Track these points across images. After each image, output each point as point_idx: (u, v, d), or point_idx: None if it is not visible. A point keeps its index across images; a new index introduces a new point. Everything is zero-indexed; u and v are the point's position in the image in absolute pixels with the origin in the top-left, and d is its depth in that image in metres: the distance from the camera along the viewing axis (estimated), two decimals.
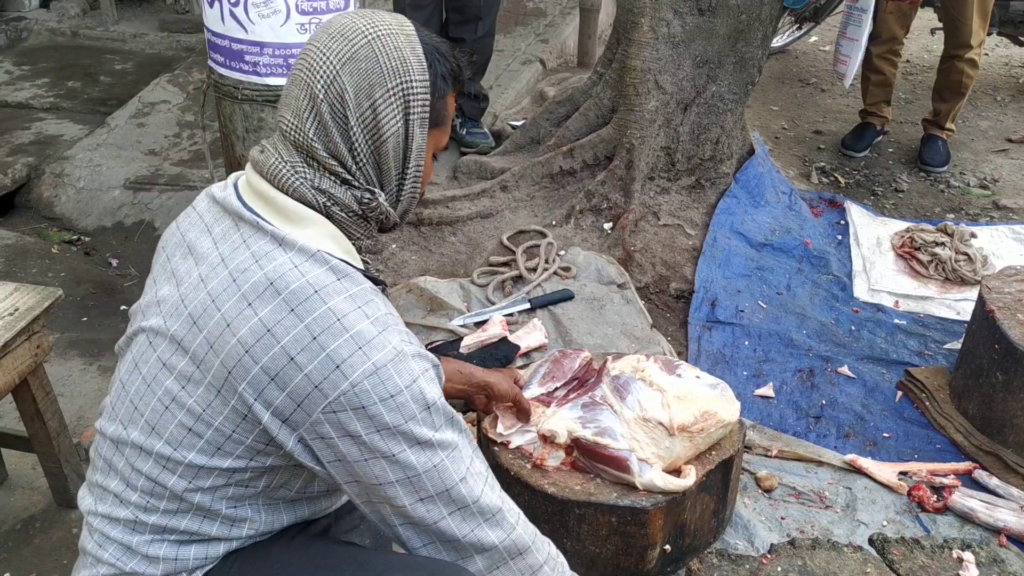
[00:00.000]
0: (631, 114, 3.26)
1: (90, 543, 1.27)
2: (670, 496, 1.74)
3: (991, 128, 4.47)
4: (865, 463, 2.23)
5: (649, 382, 1.84)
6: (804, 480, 2.21)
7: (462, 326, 2.59)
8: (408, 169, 1.25)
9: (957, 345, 2.66)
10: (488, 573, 1.24)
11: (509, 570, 1.25)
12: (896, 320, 2.92)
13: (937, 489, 2.16)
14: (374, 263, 3.02)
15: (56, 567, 2.07)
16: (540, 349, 2.47)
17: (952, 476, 2.21)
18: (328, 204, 1.20)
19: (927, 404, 2.49)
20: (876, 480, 2.20)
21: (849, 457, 2.26)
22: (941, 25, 4.02)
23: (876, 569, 1.94)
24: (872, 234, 3.36)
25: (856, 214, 3.50)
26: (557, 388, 1.93)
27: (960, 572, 1.94)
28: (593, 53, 4.82)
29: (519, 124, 3.84)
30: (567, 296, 2.72)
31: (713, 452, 1.85)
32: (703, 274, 2.99)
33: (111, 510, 1.25)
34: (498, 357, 2.40)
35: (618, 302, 2.72)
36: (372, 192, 1.22)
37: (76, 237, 3.54)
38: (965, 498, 2.12)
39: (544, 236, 3.09)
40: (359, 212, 1.23)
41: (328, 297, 1.13)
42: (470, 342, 2.45)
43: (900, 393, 2.57)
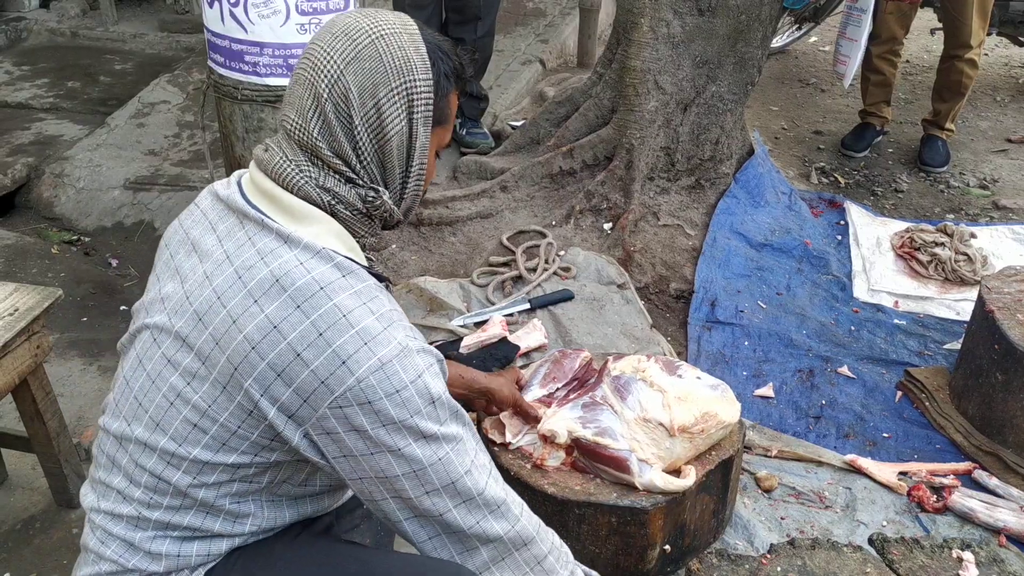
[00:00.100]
0: (631, 114, 3.26)
1: (92, 540, 1.27)
2: (670, 496, 1.74)
3: (991, 128, 4.47)
4: (865, 463, 2.24)
5: (650, 383, 1.84)
6: (804, 480, 2.21)
7: (462, 326, 2.59)
8: (412, 167, 1.26)
9: (957, 345, 2.66)
10: (493, 565, 1.25)
11: (514, 561, 1.26)
12: (896, 320, 2.92)
13: (937, 489, 2.16)
14: (375, 262, 3.02)
15: (56, 567, 2.07)
16: (540, 349, 2.47)
17: (952, 476, 2.21)
18: (333, 202, 1.21)
19: (927, 404, 2.49)
20: (876, 480, 2.20)
21: (849, 457, 2.26)
22: (941, 25, 4.02)
23: (876, 569, 1.94)
24: (872, 234, 3.36)
25: (856, 214, 3.51)
26: (558, 388, 1.93)
27: (960, 572, 1.94)
28: (593, 53, 4.82)
29: (519, 124, 3.84)
30: (567, 296, 2.72)
31: (713, 452, 1.85)
32: (703, 274, 2.99)
33: (114, 506, 1.25)
34: (498, 357, 2.40)
35: (618, 302, 2.72)
36: (376, 190, 1.23)
37: (76, 237, 3.54)
38: (965, 498, 2.12)
39: (544, 236, 3.09)
40: (364, 210, 1.23)
41: (334, 293, 1.14)
42: (470, 342, 2.45)
43: (900, 393, 2.57)
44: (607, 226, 3.21)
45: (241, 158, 2.83)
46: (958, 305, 2.97)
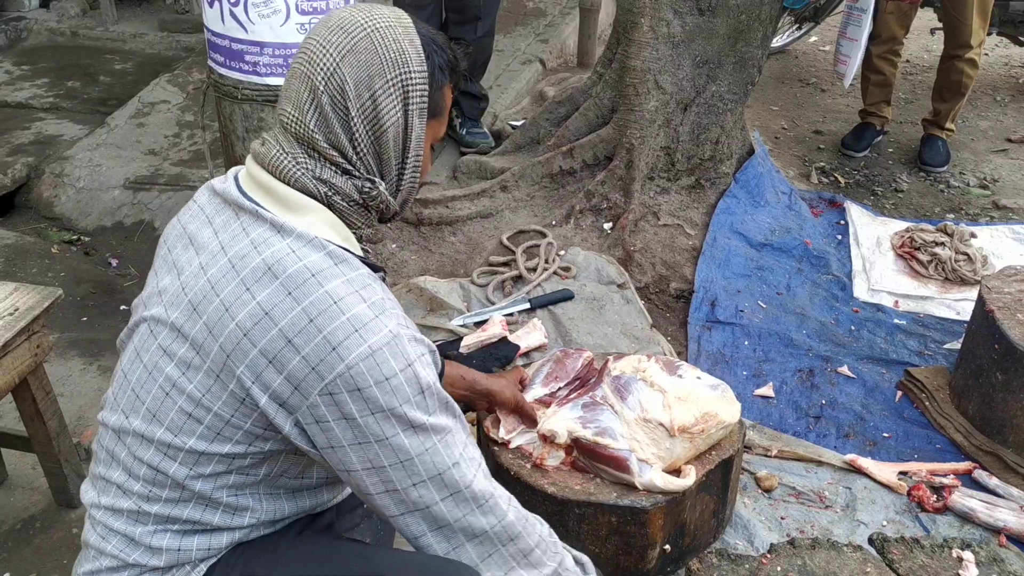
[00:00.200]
0: (631, 114, 3.26)
1: (93, 536, 1.28)
2: (670, 496, 1.74)
3: (991, 128, 4.47)
4: (865, 463, 2.23)
5: (650, 383, 1.84)
6: (804, 480, 2.21)
7: (462, 326, 2.59)
8: (408, 159, 1.27)
9: (957, 345, 2.66)
10: (481, 562, 1.25)
11: (501, 557, 1.26)
12: (896, 320, 2.92)
13: (937, 489, 2.16)
14: (371, 254, 3.02)
15: (56, 567, 2.07)
16: (540, 349, 2.47)
17: (952, 476, 2.21)
18: (329, 193, 1.22)
19: (927, 404, 2.49)
20: (876, 480, 2.20)
21: (849, 457, 2.26)
22: (941, 25, 4.02)
23: (876, 569, 1.94)
24: (872, 234, 3.36)
25: (856, 214, 3.51)
26: (560, 388, 1.93)
27: (960, 572, 1.94)
28: (593, 53, 4.82)
29: (519, 124, 3.84)
30: (567, 296, 2.72)
31: (713, 452, 1.85)
32: (703, 274, 2.99)
33: (114, 501, 1.25)
34: (498, 357, 2.40)
35: (618, 302, 2.72)
36: (373, 181, 1.24)
37: (76, 237, 3.54)
38: (965, 498, 2.12)
39: (544, 236, 3.09)
40: (360, 201, 1.24)
41: (325, 281, 1.14)
42: (470, 342, 2.45)
43: (900, 393, 2.57)
44: (607, 226, 3.21)
45: (241, 158, 2.82)
46: (958, 305, 2.97)
